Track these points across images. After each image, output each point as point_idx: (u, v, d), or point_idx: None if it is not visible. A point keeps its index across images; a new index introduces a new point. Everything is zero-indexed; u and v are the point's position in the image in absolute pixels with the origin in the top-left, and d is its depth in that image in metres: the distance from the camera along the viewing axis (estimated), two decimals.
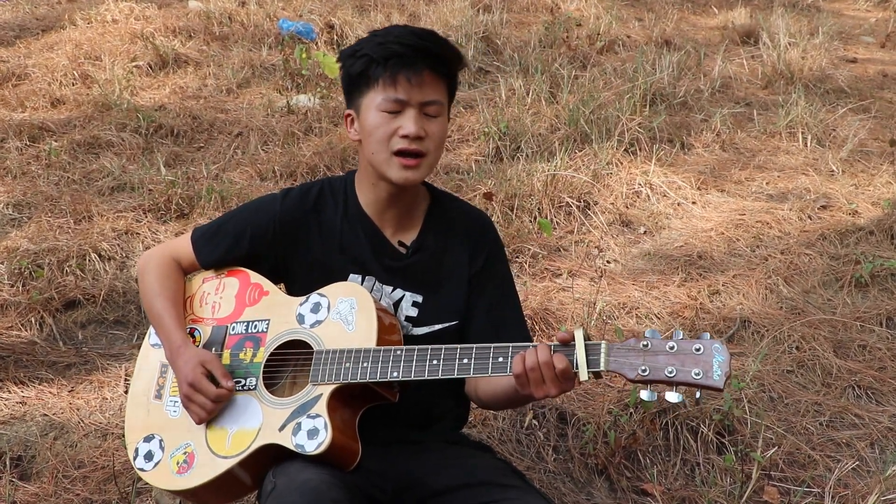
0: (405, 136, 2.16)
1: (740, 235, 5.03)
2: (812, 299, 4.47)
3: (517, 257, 4.67)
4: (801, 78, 7.44)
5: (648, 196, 5.42)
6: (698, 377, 1.83)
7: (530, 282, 4.47)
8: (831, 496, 3.11)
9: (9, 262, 4.33)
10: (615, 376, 3.03)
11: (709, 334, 1.90)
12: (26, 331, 3.98)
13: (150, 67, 7.14)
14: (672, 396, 1.87)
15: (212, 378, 2.19)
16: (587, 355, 1.92)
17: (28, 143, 5.79)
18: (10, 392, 3.59)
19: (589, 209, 5.19)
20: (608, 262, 4.82)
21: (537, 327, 4.05)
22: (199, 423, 2.20)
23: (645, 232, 5.11)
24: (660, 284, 4.53)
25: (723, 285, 4.52)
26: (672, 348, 1.87)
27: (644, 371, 1.87)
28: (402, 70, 2.15)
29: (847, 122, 6.57)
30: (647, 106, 6.45)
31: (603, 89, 6.61)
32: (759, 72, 7.71)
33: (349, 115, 2.29)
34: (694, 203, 5.41)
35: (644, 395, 1.90)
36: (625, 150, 5.78)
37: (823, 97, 7.22)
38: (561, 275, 4.58)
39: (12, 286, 4.21)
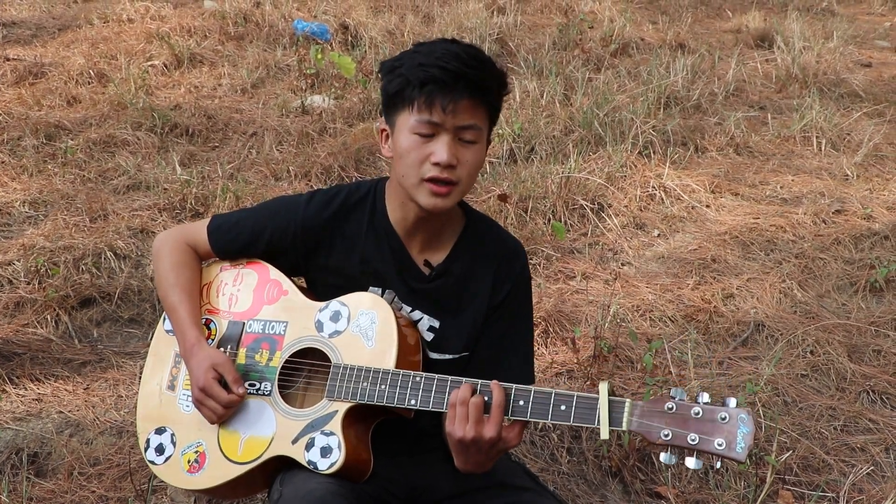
0: (436, 164, 2.05)
1: (754, 239, 5.02)
2: (826, 303, 4.46)
3: (531, 259, 4.66)
4: (816, 82, 7.41)
5: (662, 199, 5.41)
6: (721, 447, 1.80)
7: (544, 283, 4.47)
8: (846, 501, 3.11)
9: (25, 259, 4.35)
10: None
11: (735, 401, 1.84)
12: (42, 328, 4.00)
13: (166, 67, 7.17)
14: (691, 462, 1.84)
15: (224, 383, 2.16)
16: (610, 412, 1.88)
17: (44, 141, 5.81)
18: (26, 389, 3.61)
19: (603, 211, 5.19)
20: (622, 264, 4.82)
21: (551, 329, 4.05)
22: (211, 423, 2.19)
23: (659, 235, 5.11)
24: (674, 287, 4.53)
25: (737, 289, 4.52)
26: (697, 414, 1.83)
27: (667, 436, 1.83)
28: (438, 96, 2.03)
29: (862, 126, 6.55)
30: (661, 109, 6.45)
31: (617, 92, 6.61)
32: (773, 75, 7.69)
33: (384, 130, 2.20)
34: (708, 206, 5.40)
35: (664, 457, 1.86)
36: (639, 152, 5.78)
37: (838, 101, 7.20)
38: (575, 277, 4.58)
39: (28, 284, 4.23)
